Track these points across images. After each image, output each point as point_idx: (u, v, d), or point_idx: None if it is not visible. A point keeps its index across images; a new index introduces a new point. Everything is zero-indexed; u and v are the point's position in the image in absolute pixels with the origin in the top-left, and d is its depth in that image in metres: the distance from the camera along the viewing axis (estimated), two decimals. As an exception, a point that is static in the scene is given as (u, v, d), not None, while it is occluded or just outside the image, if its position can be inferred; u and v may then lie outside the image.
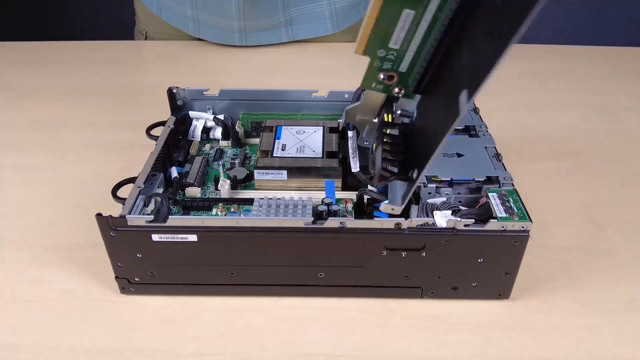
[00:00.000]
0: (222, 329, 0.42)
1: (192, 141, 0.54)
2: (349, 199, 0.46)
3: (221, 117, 0.54)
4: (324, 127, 0.52)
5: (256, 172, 0.47)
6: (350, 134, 0.48)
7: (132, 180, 0.44)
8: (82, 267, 0.47)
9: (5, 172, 0.60)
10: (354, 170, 0.45)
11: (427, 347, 0.40)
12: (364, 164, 0.45)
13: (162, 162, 0.48)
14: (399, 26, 0.34)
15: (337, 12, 0.88)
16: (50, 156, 0.63)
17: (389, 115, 0.40)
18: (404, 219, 0.39)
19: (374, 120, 0.43)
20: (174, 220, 0.39)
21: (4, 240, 0.50)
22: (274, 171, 0.47)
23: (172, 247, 0.40)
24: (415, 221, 0.39)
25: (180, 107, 0.55)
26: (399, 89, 0.38)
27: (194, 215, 0.45)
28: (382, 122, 0.40)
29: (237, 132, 0.55)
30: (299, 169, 0.47)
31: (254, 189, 0.48)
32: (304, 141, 0.50)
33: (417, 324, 0.42)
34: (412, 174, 0.36)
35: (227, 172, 0.49)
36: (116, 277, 0.43)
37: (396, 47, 0.35)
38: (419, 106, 0.39)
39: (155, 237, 0.40)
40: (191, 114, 0.55)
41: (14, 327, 0.42)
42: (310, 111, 0.55)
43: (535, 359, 0.40)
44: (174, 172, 0.48)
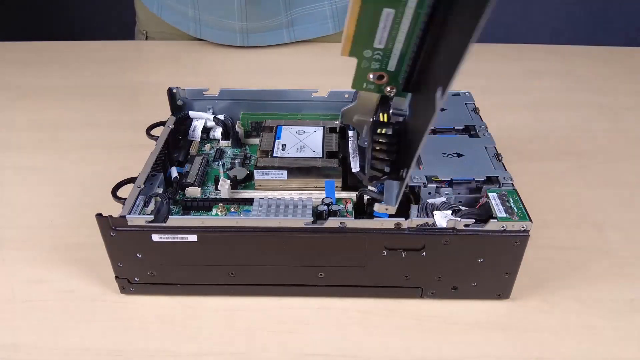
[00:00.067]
0: (222, 329, 0.42)
1: (192, 141, 0.54)
2: (349, 199, 0.46)
3: (221, 117, 0.54)
4: (324, 127, 0.52)
5: (256, 172, 0.47)
6: (350, 134, 0.48)
7: (132, 180, 0.44)
8: (82, 267, 0.47)
9: (5, 172, 0.60)
10: (354, 170, 0.45)
11: (427, 347, 0.40)
12: (364, 164, 0.44)
13: (162, 162, 0.48)
14: (381, 25, 0.33)
15: (339, 12, 0.88)
16: (50, 156, 0.63)
17: (384, 114, 0.39)
18: (404, 219, 0.39)
19: (370, 120, 0.43)
20: (174, 220, 0.39)
21: (4, 240, 0.50)
22: (274, 171, 0.47)
23: (172, 247, 0.40)
24: (415, 221, 0.39)
25: (180, 107, 0.55)
26: (390, 88, 0.37)
27: (194, 215, 0.45)
28: (375, 122, 0.40)
29: (237, 132, 0.55)
30: (299, 169, 0.47)
31: (254, 189, 0.48)
32: (304, 141, 0.50)
33: (417, 324, 0.42)
34: (402, 173, 0.35)
35: (227, 172, 0.49)
36: (116, 277, 0.43)
37: (381, 46, 0.34)
38: (410, 104, 0.38)
39: (155, 237, 0.40)
40: (191, 114, 0.55)
41: (14, 327, 0.42)
42: (310, 111, 0.55)
43: (535, 359, 0.40)
44: (174, 172, 0.48)
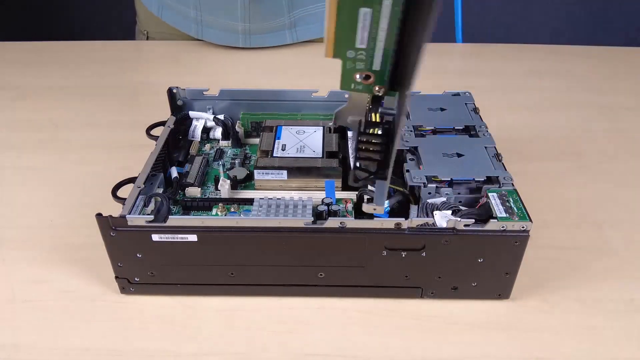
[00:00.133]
0: (222, 329, 0.42)
1: (192, 141, 0.54)
2: (349, 199, 0.46)
3: (221, 117, 0.54)
4: (324, 127, 0.52)
5: (256, 172, 0.47)
6: (350, 134, 0.48)
7: (132, 180, 0.44)
8: (82, 267, 0.47)
9: (5, 172, 0.60)
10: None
11: (427, 347, 0.40)
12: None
13: (162, 162, 0.48)
14: (360, 25, 0.33)
15: None
16: (50, 156, 0.63)
17: (375, 114, 0.39)
18: (404, 219, 0.39)
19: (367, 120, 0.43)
20: (174, 220, 0.39)
21: (4, 240, 0.50)
22: (274, 171, 0.47)
23: (172, 247, 0.40)
24: (415, 221, 0.39)
25: (180, 107, 0.55)
26: (379, 88, 0.37)
27: (194, 215, 0.45)
28: (366, 122, 0.40)
29: (237, 132, 0.55)
30: (299, 169, 0.47)
31: (254, 189, 0.48)
32: (304, 141, 0.50)
33: (417, 324, 0.42)
34: (385, 173, 0.35)
35: (227, 172, 0.49)
36: (116, 277, 0.43)
37: (363, 46, 0.34)
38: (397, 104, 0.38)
39: (155, 237, 0.40)
40: (191, 114, 0.55)
41: (14, 327, 0.42)
42: (310, 111, 0.55)
43: (535, 359, 0.40)
44: (174, 172, 0.48)
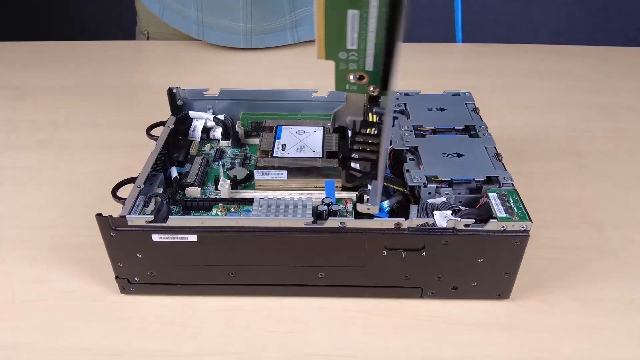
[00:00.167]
0: (222, 329, 0.42)
1: (192, 141, 0.54)
2: (349, 199, 0.46)
3: (221, 117, 0.54)
4: (324, 127, 0.52)
5: (256, 172, 0.47)
6: (350, 134, 0.48)
7: (132, 180, 0.44)
8: (82, 267, 0.47)
9: (5, 172, 0.60)
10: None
11: (427, 347, 0.40)
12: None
13: (162, 162, 0.48)
14: (349, 27, 0.33)
15: None
16: (50, 156, 0.63)
17: (372, 114, 0.39)
18: (404, 219, 0.39)
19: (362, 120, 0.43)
20: (174, 220, 0.39)
21: (4, 240, 0.50)
22: (274, 171, 0.47)
23: (172, 247, 0.40)
24: (415, 221, 0.39)
25: (180, 107, 0.55)
26: (373, 88, 0.37)
27: (194, 215, 0.45)
28: (362, 122, 0.40)
29: (237, 132, 0.55)
30: (299, 169, 0.47)
31: (254, 189, 0.48)
32: (304, 141, 0.50)
33: (417, 324, 0.42)
34: (376, 172, 0.35)
35: (227, 172, 0.49)
36: (116, 277, 0.43)
37: (354, 47, 0.34)
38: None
39: (155, 237, 0.40)
40: (191, 114, 0.55)
41: (14, 327, 0.42)
42: (310, 111, 0.55)
43: (535, 359, 0.40)
44: (174, 172, 0.48)
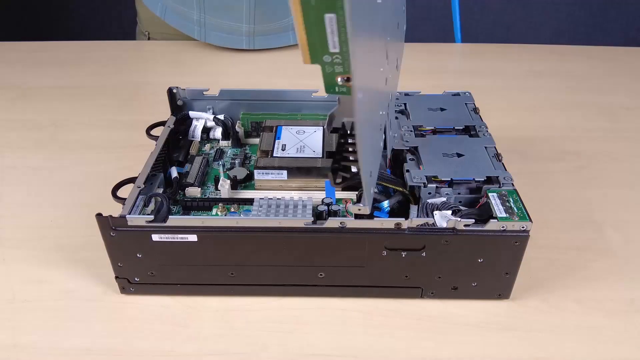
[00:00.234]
0: (222, 329, 0.42)
1: (192, 141, 0.54)
2: (349, 199, 0.46)
3: (221, 117, 0.54)
4: (324, 127, 0.52)
5: (256, 172, 0.47)
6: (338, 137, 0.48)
7: (132, 180, 0.44)
8: (82, 267, 0.47)
9: (5, 172, 0.60)
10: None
11: (427, 347, 0.40)
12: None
13: (162, 162, 0.48)
14: (328, 30, 0.33)
15: None
16: (50, 156, 0.63)
17: None
18: (404, 219, 0.39)
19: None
20: (174, 220, 0.39)
21: (4, 240, 0.50)
22: (274, 171, 0.47)
23: (172, 247, 0.40)
24: (415, 221, 0.39)
25: (180, 107, 0.55)
26: None
27: (194, 215, 0.45)
28: (351, 125, 0.40)
29: (237, 132, 0.55)
30: (299, 169, 0.47)
31: (254, 189, 0.48)
32: (304, 141, 0.50)
33: (417, 324, 0.42)
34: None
35: (227, 172, 0.49)
36: (116, 277, 0.43)
37: (337, 50, 0.34)
38: None
39: (155, 237, 0.40)
40: (191, 114, 0.55)
41: (14, 327, 0.42)
42: (310, 111, 0.55)
43: (535, 359, 0.40)
44: (174, 172, 0.48)
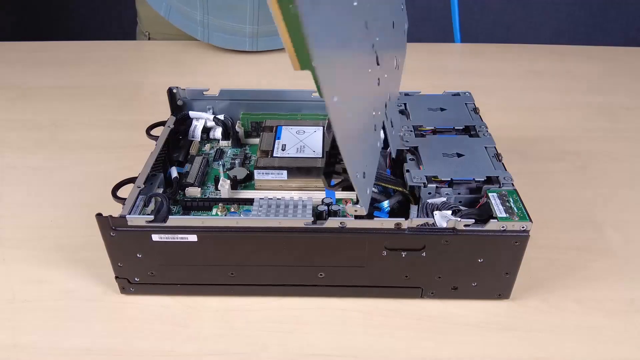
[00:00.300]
0: (222, 329, 0.42)
1: (192, 141, 0.54)
2: (349, 199, 0.46)
3: (221, 117, 0.54)
4: (324, 127, 0.52)
5: (256, 172, 0.47)
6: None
7: (132, 180, 0.44)
8: (82, 267, 0.47)
9: (5, 172, 0.60)
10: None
11: (427, 347, 0.40)
12: None
13: (162, 162, 0.48)
14: None
15: None
16: (50, 156, 0.63)
17: None
18: (404, 219, 0.39)
19: None
20: (174, 220, 0.39)
21: (4, 240, 0.50)
22: (274, 171, 0.47)
23: (172, 247, 0.40)
24: (415, 221, 0.39)
25: (180, 107, 0.55)
26: None
27: (194, 215, 0.45)
28: None
29: (237, 132, 0.55)
30: (299, 169, 0.47)
31: (254, 189, 0.48)
32: (304, 141, 0.50)
33: (417, 324, 0.42)
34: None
35: (227, 172, 0.49)
36: (116, 277, 0.43)
37: None
38: None
39: (155, 237, 0.40)
40: (191, 113, 0.55)
41: (14, 327, 0.42)
42: (310, 111, 0.55)
43: (535, 359, 0.40)
44: (174, 172, 0.48)
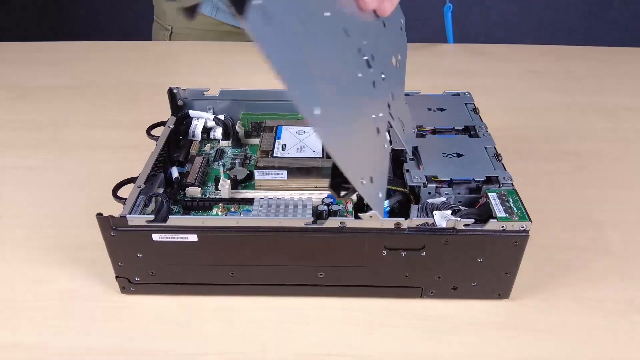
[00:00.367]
0: (222, 329, 0.42)
1: (193, 141, 0.54)
2: (349, 199, 0.46)
3: (221, 117, 0.54)
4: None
5: (256, 172, 0.47)
6: None
7: (132, 180, 0.44)
8: (82, 267, 0.47)
9: (5, 172, 0.60)
10: None
11: (426, 347, 0.40)
12: None
13: (163, 162, 0.48)
14: None
15: None
16: (50, 156, 0.63)
17: None
18: (404, 218, 0.39)
19: None
20: (175, 220, 0.39)
21: (4, 240, 0.50)
22: (274, 171, 0.47)
23: (173, 247, 0.40)
24: (415, 221, 0.39)
25: (180, 107, 0.55)
26: None
27: (194, 215, 0.45)
28: None
29: (238, 132, 0.55)
30: (299, 169, 0.47)
31: (254, 189, 0.48)
32: (304, 141, 0.50)
33: (417, 324, 0.42)
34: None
35: (228, 172, 0.49)
36: (116, 277, 0.43)
37: None
38: None
39: (155, 237, 0.40)
40: (191, 113, 0.55)
41: (14, 327, 0.42)
42: (310, 111, 0.55)
43: (535, 359, 0.40)
44: (175, 172, 0.48)
